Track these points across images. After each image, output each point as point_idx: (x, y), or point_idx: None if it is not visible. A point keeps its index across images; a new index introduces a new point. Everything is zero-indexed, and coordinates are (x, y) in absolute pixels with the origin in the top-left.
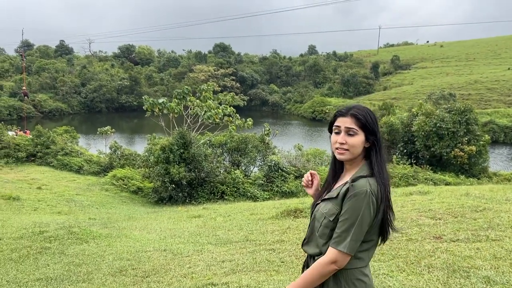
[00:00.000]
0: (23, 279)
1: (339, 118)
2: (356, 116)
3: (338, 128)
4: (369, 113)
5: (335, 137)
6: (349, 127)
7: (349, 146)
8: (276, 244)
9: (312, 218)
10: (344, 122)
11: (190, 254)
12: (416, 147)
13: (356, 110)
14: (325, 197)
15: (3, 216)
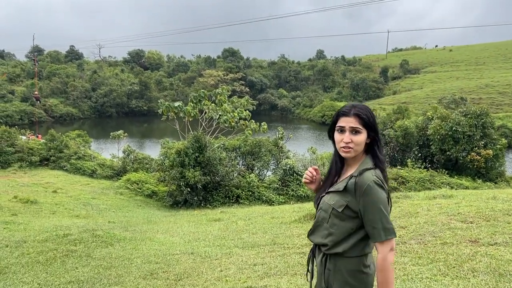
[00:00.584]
0: (54, 282)
1: (342, 118)
2: (360, 115)
3: (342, 128)
4: (370, 111)
5: (339, 136)
6: (354, 126)
7: (354, 145)
8: (305, 247)
9: (318, 210)
10: (348, 122)
11: (219, 257)
12: (431, 151)
13: (358, 109)
14: (330, 190)
15: (24, 219)
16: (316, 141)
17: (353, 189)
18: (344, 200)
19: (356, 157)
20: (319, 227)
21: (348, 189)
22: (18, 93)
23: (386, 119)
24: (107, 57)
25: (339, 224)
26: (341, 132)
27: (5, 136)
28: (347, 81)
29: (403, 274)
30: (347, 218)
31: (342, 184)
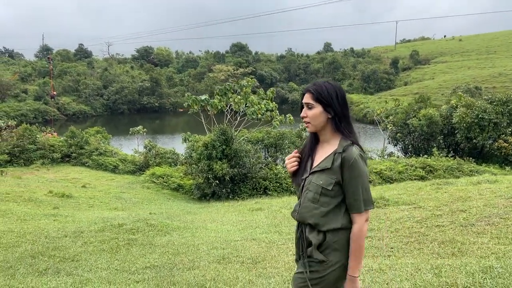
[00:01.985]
0: (130, 268)
1: (305, 94)
2: (310, 91)
3: (302, 104)
4: (326, 87)
5: (303, 112)
6: (307, 102)
7: (309, 119)
8: (376, 231)
9: (305, 191)
10: (305, 98)
11: (284, 243)
12: (456, 140)
13: (312, 86)
14: (315, 170)
15: (67, 212)
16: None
17: (339, 165)
18: (332, 178)
19: (326, 134)
20: (308, 207)
21: (335, 166)
22: (31, 92)
23: (408, 109)
24: (115, 55)
25: (330, 201)
26: (304, 108)
27: (26, 134)
28: (358, 73)
29: (491, 252)
30: (336, 193)
31: (328, 162)
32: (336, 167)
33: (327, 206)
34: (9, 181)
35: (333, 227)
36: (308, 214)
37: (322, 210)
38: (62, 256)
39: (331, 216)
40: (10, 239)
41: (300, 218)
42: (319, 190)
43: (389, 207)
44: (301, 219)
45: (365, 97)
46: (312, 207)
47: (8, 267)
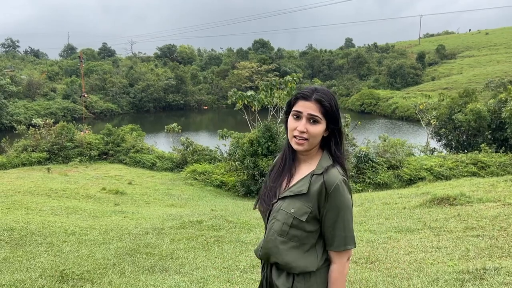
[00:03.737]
0: (238, 265)
1: (301, 101)
2: (321, 101)
3: (299, 113)
4: (334, 99)
5: (294, 123)
6: (313, 114)
7: (309, 136)
8: (469, 230)
9: (271, 220)
10: (307, 108)
11: (385, 242)
12: (506, 135)
13: (321, 94)
14: (286, 194)
15: (129, 209)
16: (362, 130)
17: (318, 190)
18: (307, 206)
19: (313, 152)
20: (274, 242)
21: (312, 191)
22: (60, 90)
23: (452, 103)
24: (137, 53)
25: (303, 236)
26: (297, 119)
27: (64, 131)
28: (384, 68)
29: None
30: (311, 226)
31: (304, 185)
32: (313, 193)
33: (298, 242)
34: (58, 178)
35: (305, 269)
36: (274, 251)
37: (291, 246)
38: (158, 254)
39: (304, 255)
40: (96, 236)
41: (263, 255)
42: (289, 220)
43: (474, 204)
44: (265, 257)
45: (392, 93)
46: (279, 242)
47: (112, 264)
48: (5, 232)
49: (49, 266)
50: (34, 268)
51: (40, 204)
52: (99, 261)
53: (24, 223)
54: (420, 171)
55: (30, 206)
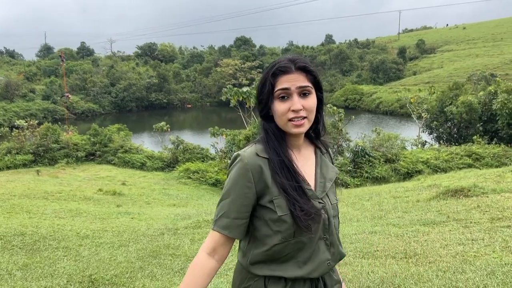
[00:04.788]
0: None
1: (282, 77)
2: (306, 68)
3: (286, 90)
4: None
5: (283, 104)
6: (303, 85)
7: (307, 112)
8: (497, 221)
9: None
10: (294, 81)
11: (415, 235)
12: (497, 126)
13: (302, 61)
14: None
15: (132, 209)
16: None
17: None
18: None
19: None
20: (338, 239)
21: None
22: (39, 91)
23: (443, 96)
24: (116, 52)
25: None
26: (284, 99)
27: (49, 133)
28: (366, 63)
29: None
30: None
31: (332, 167)
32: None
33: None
34: (49, 180)
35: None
36: (342, 251)
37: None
38: (183, 255)
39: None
40: (110, 239)
41: (335, 263)
42: (337, 210)
43: (490, 195)
44: (336, 262)
45: (376, 88)
46: (336, 239)
47: (138, 267)
48: (16, 237)
49: (74, 272)
50: (59, 274)
51: (41, 208)
52: (123, 264)
53: (33, 227)
54: (416, 164)
55: (31, 210)
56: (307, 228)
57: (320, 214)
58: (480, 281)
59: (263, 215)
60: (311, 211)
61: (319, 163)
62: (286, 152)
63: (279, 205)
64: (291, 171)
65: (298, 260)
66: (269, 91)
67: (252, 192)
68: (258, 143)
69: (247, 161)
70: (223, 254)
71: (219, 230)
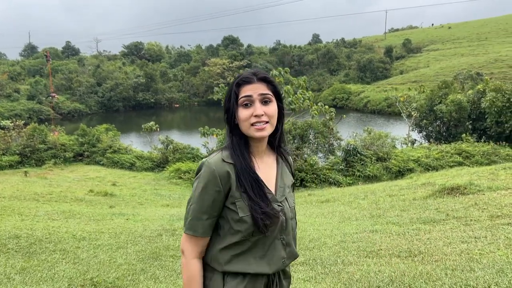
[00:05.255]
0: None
1: (246, 86)
2: (267, 79)
3: (249, 98)
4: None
5: (247, 111)
6: (265, 93)
7: (268, 117)
8: (497, 219)
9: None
10: (256, 89)
11: (417, 234)
12: (485, 124)
13: (263, 73)
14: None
15: (125, 210)
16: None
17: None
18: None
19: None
20: (294, 240)
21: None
22: (23, 91)
23: (432, 95)
24: (102, 52)
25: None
26: (248, 106)
27: (36, 133)
28: (353, 63)
29: None
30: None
31: (289, 174)
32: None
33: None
34: (38, 181)
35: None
36: (292, 251)
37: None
38: None
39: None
40: (107, 240)
41: (290, 261)
42: (294, 212)
43: (486, 193)
44: (289, 262)
45: (363, 87)
46: (292, 239)
47: (139, 269)
48: (11, 240)
49: (74, 275)
50: (59, 278)
51: (32, 209)
52: (123, 266)
53: (27, 230)
54: (408, 163)
55: (23, 212)
56: (264, 229)
57: (278, 216)
58: (491, 279)
59: (226, 215)
60: (271, 213)
61: (279, 170)
62: (249, 158)
63: (240, 207)
64: (253, 176)
65: (255, 257)
66: (234, 99)
67: (221, 195)
68: (224, 150)
69: (214, 167)
70: (204, 250)
71: (197, 234)
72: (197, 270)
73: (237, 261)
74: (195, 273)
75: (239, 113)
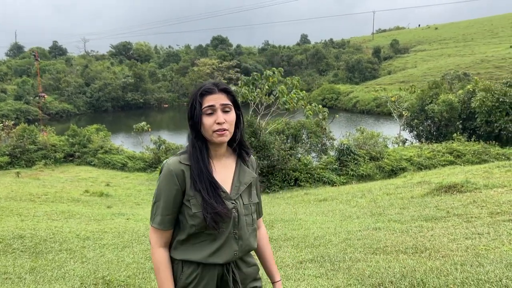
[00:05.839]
0: (284, 261)
1: (208, 96)
2: (227, 90)
3: (212, 107)
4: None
5: (210, 118)
6: (225, 103)
7: (228, 125)
8: (497, 216)
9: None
10: (217, 99)
11: (420, 231)
12: (475, 124)
13: (223, 85)
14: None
15: (124, 210)
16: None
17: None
18: (256, 188)
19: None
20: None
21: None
22: (10, 91)
23: (423, 95)
24: (89, 52)
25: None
26: (211, 114)
27: (26, 134)
28: (342, 63)
29: None
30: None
31: (247, 177)
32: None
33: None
34: (31, 182)
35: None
36: (251, 243)
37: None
38: None
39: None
40: (112, 240)
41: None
42: (254, 208)
43: (483, 191)
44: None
45: (352, 87)
46: (252, 232)
47: (149, 268)
48: (15, 240)
49: (85, 274)
50: (70, 277)
51: (31, 210)
52: (132, 265)
53: (31, 230)
54: (400, 162)
55: (21, 212)
56: (215, 226)
57: (229, 215)
58: (501, 273)
59: (183, 210)
60: (222, 213)
61: (237, 170)
62: (206, 161)
63: (194, 204)
64: (209, 178)
65: (209, 248)
66: (199, 108)
67: (179, 192)
68: (182, 153)
69: (172, 167)
70: (169, 241)
71: (157, 226)
72: (162, 257)
73: (193, 251)
74: (161, 260)
75: (204, 121)
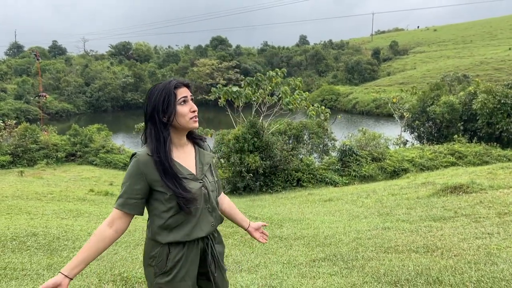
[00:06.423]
0: (297, 259)
1: (180, 89)
2: (188, 85)
3: (185, 98)
4: None
5: (185, 107)
6: (192, 95)
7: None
8: (505, 216)
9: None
10: (187, 92)
11: (429, 230)
12: (476, 125)
13: (186, 81)
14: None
15: None
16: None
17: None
18: (214, 168)
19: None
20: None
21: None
22: (10, 91)
23: (425, 96)
24: (89, 51)
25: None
26: (184, 103)
27: (28, 133)
28: (341, 64)
29: None
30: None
31: (209, 154)
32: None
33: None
34: (35, 181)
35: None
36: (216, 218)
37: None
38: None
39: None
40: (123, 238)
41: (217, 224)
42: (216, 187)
43: (489, 192)
44: (218, 223)
45: (352, 88)
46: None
47: None
48: (29, 237)
49: (102, 271)
50: (88, 274)
51: (39, 208)
52: None
53: (43, 228)
54: (402, 163)
55: (30, 211)
56: (189, 206)
57: (200, 191)
58: None
59: (158, 196)
60: (189, 197)
61: (197, 154)
62: (170, 151)
63: (166, 188)
64: (170, 170)
65: (189, 225)
66: (174, 99)
67: (142, 179)
68: (148, 145)
69: (139, 158)
70: (120, 226)
71: (117, 207)
72: (103, 233)
73: (176, 233)
74: (100, 234)
75: (180, 110)
